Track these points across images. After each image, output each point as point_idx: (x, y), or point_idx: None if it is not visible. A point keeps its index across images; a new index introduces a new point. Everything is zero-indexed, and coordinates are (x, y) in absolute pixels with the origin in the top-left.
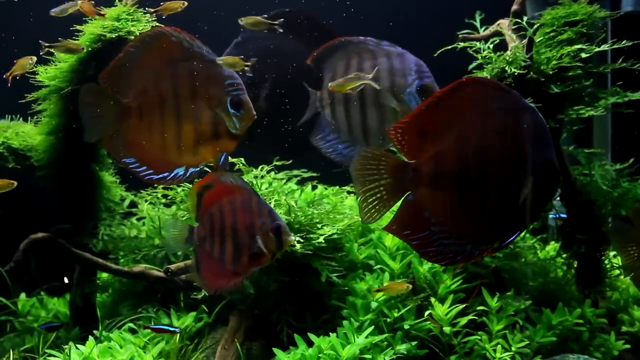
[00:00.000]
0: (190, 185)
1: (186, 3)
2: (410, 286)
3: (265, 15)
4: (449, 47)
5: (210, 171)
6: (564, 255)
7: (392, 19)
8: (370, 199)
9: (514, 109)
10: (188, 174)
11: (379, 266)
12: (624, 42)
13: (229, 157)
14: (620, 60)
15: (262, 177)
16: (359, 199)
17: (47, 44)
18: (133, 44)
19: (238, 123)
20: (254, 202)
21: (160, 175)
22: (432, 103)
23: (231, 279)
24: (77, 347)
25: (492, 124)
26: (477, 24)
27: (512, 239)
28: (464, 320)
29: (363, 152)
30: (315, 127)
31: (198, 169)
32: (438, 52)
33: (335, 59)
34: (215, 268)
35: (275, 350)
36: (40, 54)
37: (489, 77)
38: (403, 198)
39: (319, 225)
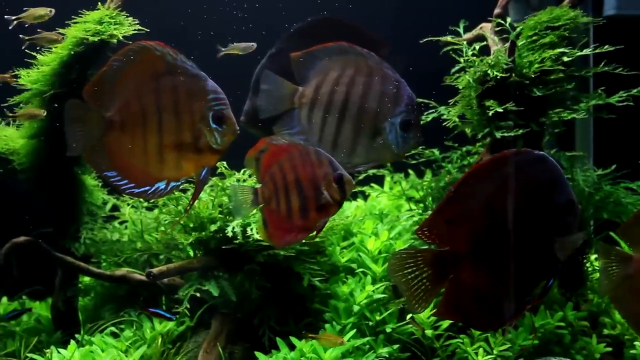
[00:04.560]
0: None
1: (53, 10)
2: (345, 340)
3: None
4: (434, 38)
5: (190, 185)
6: None
7: (375, 22)
8: (416, 293)
9: (526, 166)
10: (169, 188)
11: (361, 270)
12: (606, 46)
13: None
14: (602, 64)
15: (245, 180)
16: (405, 295)
17: (27, 37)
18: (116, 58)
19: (220, 138)
20: (312, 155)
21: (142, 189)
22: (450, 197)
23: (299, 234)
24: (58, 351)
25: (511, 189)
26: (461, 30)
27: (551, 283)
28: (445, 324)
29: (398, 254)
30: (282, 118)
31: (179, 183)
32: (422, 41)
33: (331, 62)
34: (283, 224)
35: (257, 353)
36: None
37: (471, 80)
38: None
39: None
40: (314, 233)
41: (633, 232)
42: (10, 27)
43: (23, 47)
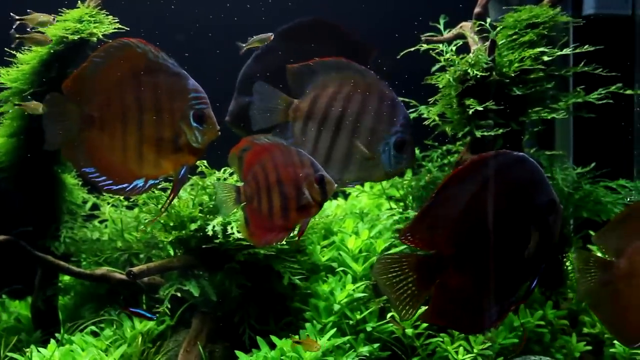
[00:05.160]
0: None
1: (56, 18)
2: (320, 345)
3: None
4: (412, 49)
5: (169, 183)
6: None
7: (356, 21)
8: (403, 297)
9: (506, 168)
10: (147, 185)
11: (341, 268)
12: (586, 46)
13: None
14: (582, 63)
15: (225, 179)
16: (391, 301)
17: (18, 35)
18: (97, 54)
19: (200, 137)
20: (294, 155)
21: (120, 186)
22: (432, 202)
23: (279, 233)
24: (38, 351)
25: (491, 190)
26: (441, 27)
27: (535, 284)
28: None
29: (382, 259)
30: (276, 130)
31: (157, 181)
32: (401, 54)
33: (329, 77)
34: (264, 224)
35: (237, 352)
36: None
37: (451, 79)
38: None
39: None
40: (297, 234)
41: (610, 238)
42: (13, 27)
43: (12, 45)
